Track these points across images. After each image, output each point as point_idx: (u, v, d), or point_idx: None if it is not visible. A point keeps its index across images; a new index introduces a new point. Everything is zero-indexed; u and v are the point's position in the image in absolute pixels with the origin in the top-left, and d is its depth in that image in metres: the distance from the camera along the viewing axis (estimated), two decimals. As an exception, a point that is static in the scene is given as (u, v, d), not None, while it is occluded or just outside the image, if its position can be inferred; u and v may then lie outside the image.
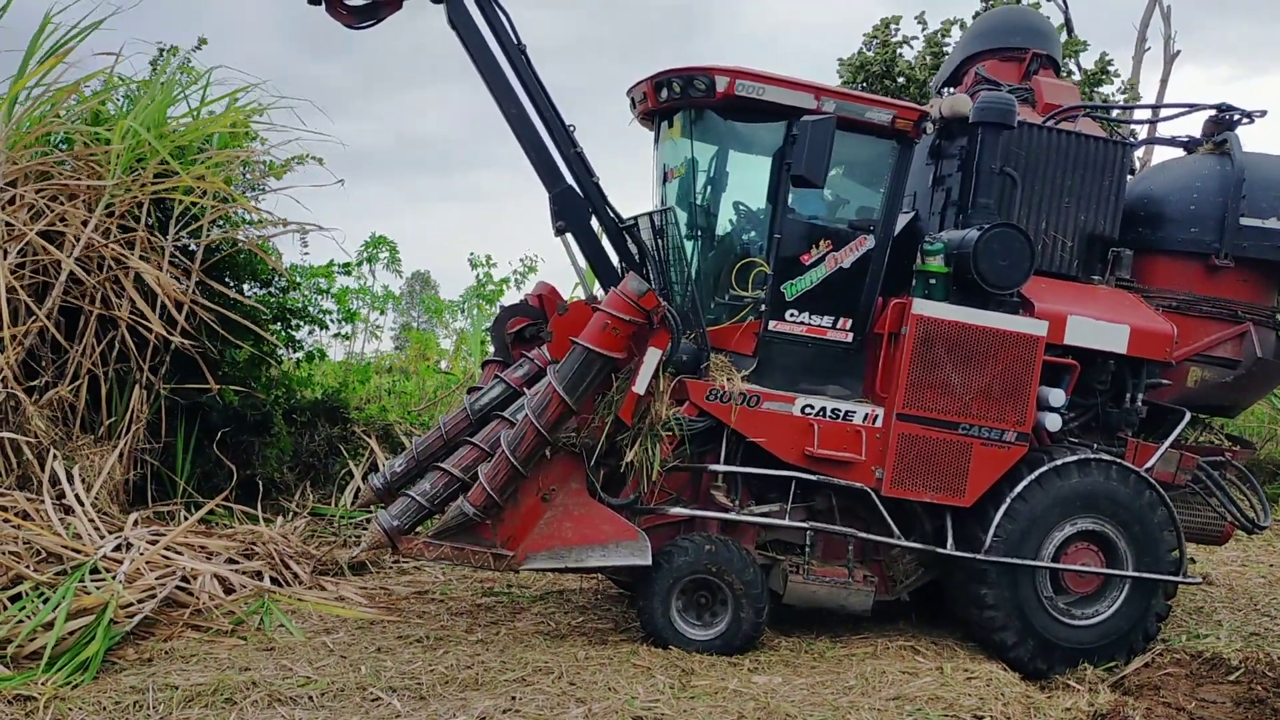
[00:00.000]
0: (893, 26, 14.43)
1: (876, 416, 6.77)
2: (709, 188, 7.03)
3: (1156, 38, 17.07)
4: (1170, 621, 7.43)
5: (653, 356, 6.33)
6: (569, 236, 7.12)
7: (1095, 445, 7.19)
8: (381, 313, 11.76)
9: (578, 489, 6.51)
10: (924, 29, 14.48)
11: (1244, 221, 7.35)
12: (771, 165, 6.85)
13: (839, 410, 6.75)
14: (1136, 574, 6.88)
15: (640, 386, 6.32)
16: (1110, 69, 13.55)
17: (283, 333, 9.89)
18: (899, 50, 14.15)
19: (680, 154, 7.06)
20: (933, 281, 6.85)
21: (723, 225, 7.10)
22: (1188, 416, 7.42)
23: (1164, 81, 16.60)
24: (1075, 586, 6.90)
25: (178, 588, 6.55)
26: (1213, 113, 7.91)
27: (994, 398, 6.78)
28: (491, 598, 7.64)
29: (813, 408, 6.72)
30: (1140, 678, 6.12)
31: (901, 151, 6.96)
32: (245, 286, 9.89)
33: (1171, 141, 8.22)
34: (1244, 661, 6.15)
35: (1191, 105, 8.09)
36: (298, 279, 10.32)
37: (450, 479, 6.41)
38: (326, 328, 10.82)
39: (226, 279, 9.31)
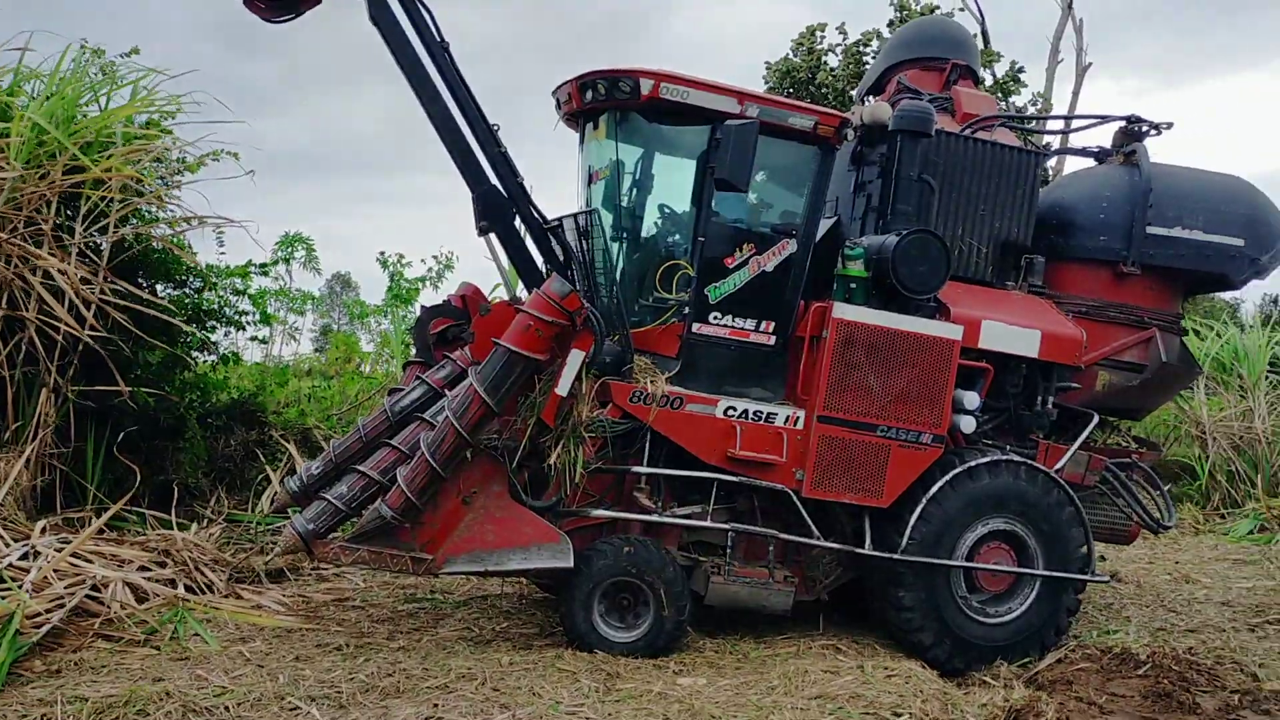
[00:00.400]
0: (819, 34, 14.62)
1: (798, 418, 6.84)
2: (633, 190, 7.07)
3: (1070, 50, 17.56)
4: (1081, 618, 7.64)
5: (575, 358, 6.31)
6: (493, 237, 7.10)
7: (1008, 447, 7.35)
8: (300, 314, 11.54)
9: (499, 491, 6.46)
10: (844, 39, 14.72)
11: (1150, 230, 7.59)
12: (696, 168, 6.89)
13: (761, 412, 6.80)
14: (1048, 573, 7.05)
15: (563, 388, 6.30)
16: (1021, 78, 13.88)
17: (197, 334, 9.67)
18: (824, 58, 14.35)
19: (605, 156, 7.06)
20: (853, 286, 6.95)
21: (647, 227, 7.13)
22: (1096, 419, 7.63)
23: (1075, 93, 17.10)
24: (988, 585, 7.04)
25: (88, 597, 6.38)
26: (1123, 124, 8.16)
27: (911, 400, 6.90)
28: (413, 604, 7.56)
29: (735, 410, 6.76)
30: (1053, 673, 6.27)
31: (823, 157, 7.06)
32: (159, 286, 9.67)
33: (1083, 152, 8.46)
34: (1151, 656, 6.33)
35: (1103, 117, 8.33)
36: (214, 279, 10.09)
37: (368, 481, 6.32)
38: (243, 329, 10.61)
39: (139, 278, 9.08)
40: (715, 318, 6.92)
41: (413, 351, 8.35)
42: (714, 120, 6.69)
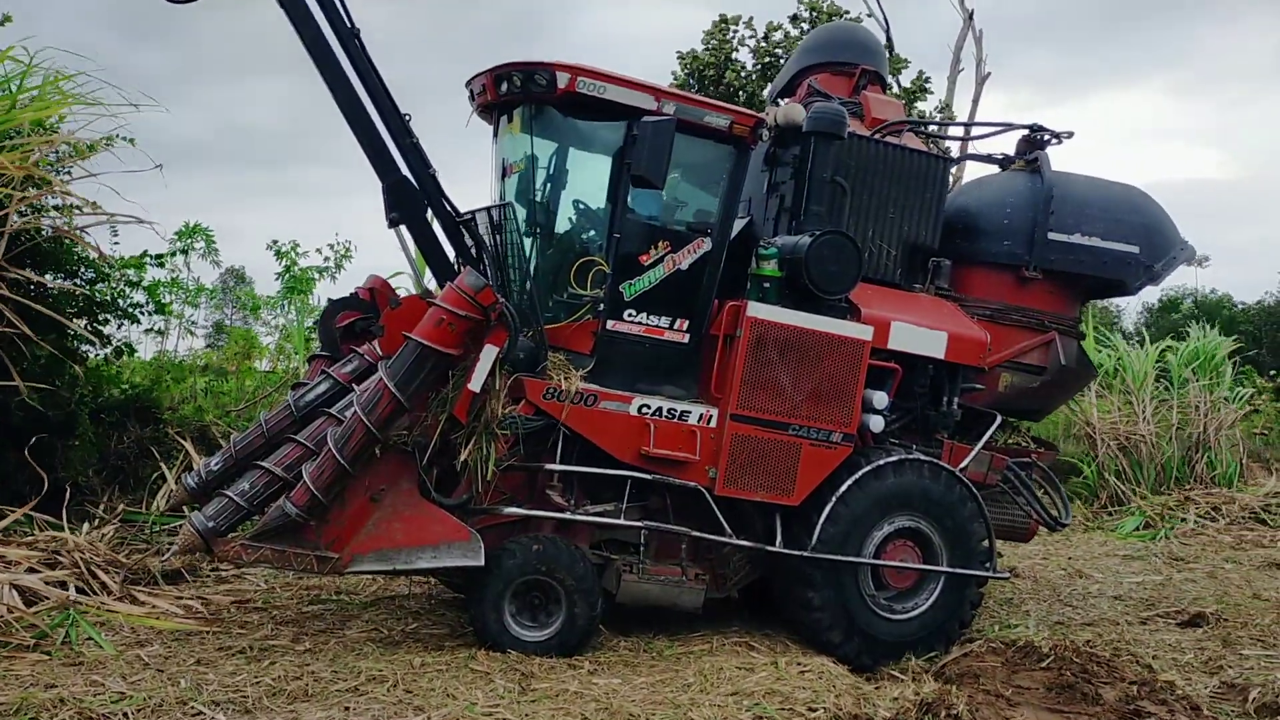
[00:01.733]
0: (732, 27, 14.69)
1: (711, 417, 6.85)
2: (548, 185, 7.00)
3: (970, 60, 17.95)
4: (982, 613, 7.82)
5: (489, 354, 6.22)
6: (403, 229, 6.97)
7: (913, 446, 7.46)
8: (195, 307, 11.15)
9: (408, 489, 6.32)
10: (753, 35, 14.81)
11: (1052, 236, 7.79)
12: (611, 165, 6.85)
13: (675, 410, 6.80)
14: (952, 569, 7.18)
15: (476, 384, 6.20)
16: (928, 87, 14.15)
17: (89, 327, 9.29)
18: (734, 53, 14.44)
19: (519, 149, 6.99)
20: (766, 285, 6.98)
21: (562, 223, 7.07)
22: (999, 419, 7.81)
23: (975, 101, 17.50)
24: (895, 582, 7.15)
25: (-29, 600, 6.06)
26: (1025, 132, 8.38)
27: (822, 399, 6.97)
28: (319, 605, 7.38)
29: (649, 407, 6.75)
30: (959, 666, 6.40)
31: (738, 156, 7.08)
32: (48, 277, 9.26)
33: (987, 158, 8.65)
34: (1054, 649, 6.51)
35: (1007, 124, 8.54)
36: (106, 269, 9.70)
37: (271, 478, 6.13)
38: (138, 322, 10.22)
39: (27, 269, 8.67)
40: (630, 315, 6.89)
41: (317, 345, 8.15)
42: (630, 116, 6.67)
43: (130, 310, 10.07)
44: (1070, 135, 8.27)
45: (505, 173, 7.22)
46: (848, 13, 15.79)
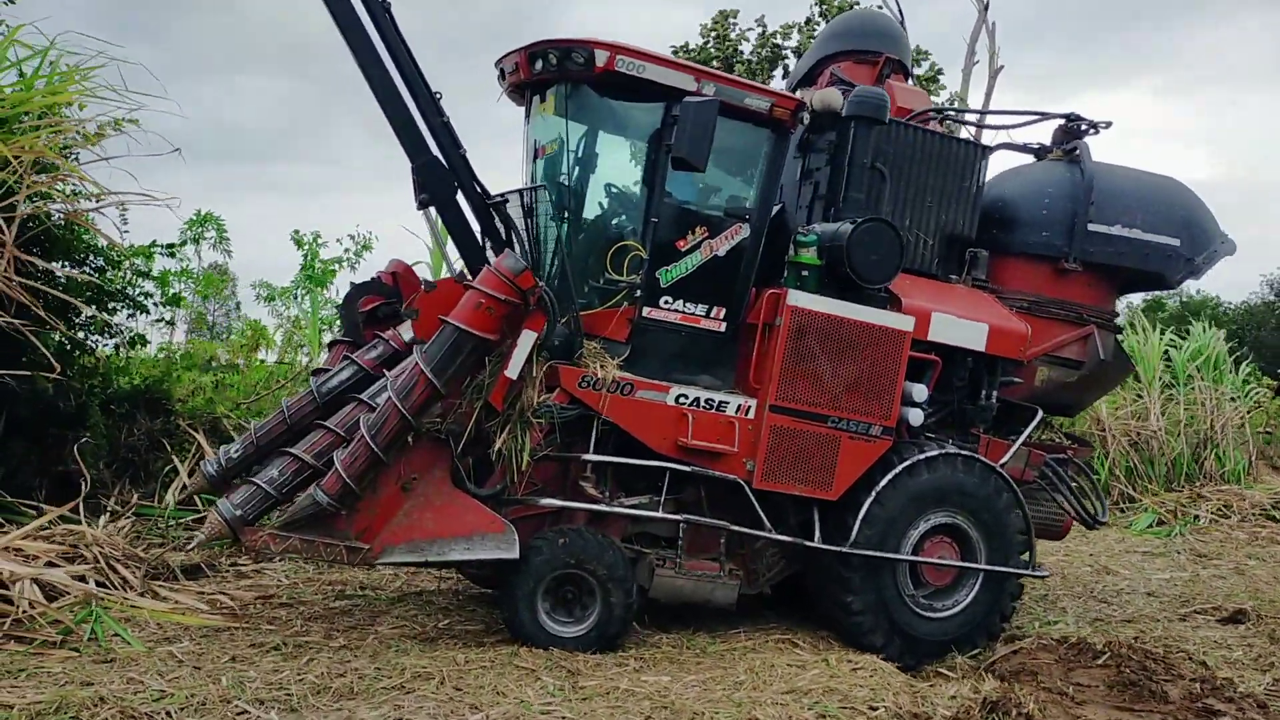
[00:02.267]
0: (730, 20, 14.49)
1: (749, 408, 6.68)
2: (583, 167, 6.81)
3: (983, 52, 17.75)
4: (1019, 609, 7.65)
5: (527, 339, 6.04)
6: (431, 211, 6.77)
7: (950, 440, 7.30)
8: (205, 298, 10.88)
9: (440, 478, 6.13)
10: (763, 30, 14.63)
11: (1092, 228, 7.62)
12: (648, 147, 6.68)
13: (713, 401, 6.63)
14: (993, 568, 7.02)
15: (513, 370, 6.02)
16: (939, 79, 14.00)
17: (93, 317, 9.07)
18: (738, 45, 14.26)
19: (553, 130, 6.80)
20: (804, 273, 6.81)
21: (596, 207, 6.89)
22: (1040, 415, 7.64)
23: (988, 94, 17.32)
24: (933, 579, 6.98)
25: (-7, 595, 5.85)
26: (1061, 122, 8.20)
27: (862, 391, 6.80)
28: (346, 601, 7.18)
29: (687, 398, 6.57)
30: (1012, 664, 6.23)
31: (777, 141, 6.91)
32: (55, 265, 9.02)
33: (1022, 148, 8.47)
34: (1108, 646, 6.36)
35: (1042, 114, 8.34)
36: (117, 257, 9.48)
37: (301, 465, 5.93)
38: (147, 312, 10.00)
39: (35, 255, 8.44)
40: (666, 302, 6.71)
41: (332, 332, 7.96)
42: (669, 97, 6.49)
43: (140, 300, 9.86)
44: (1108, 125, 8.10)
45: (537, 154, 7.03)
46: (857, 2, 15.68)
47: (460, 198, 6.72)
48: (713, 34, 15.31)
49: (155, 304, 10.10)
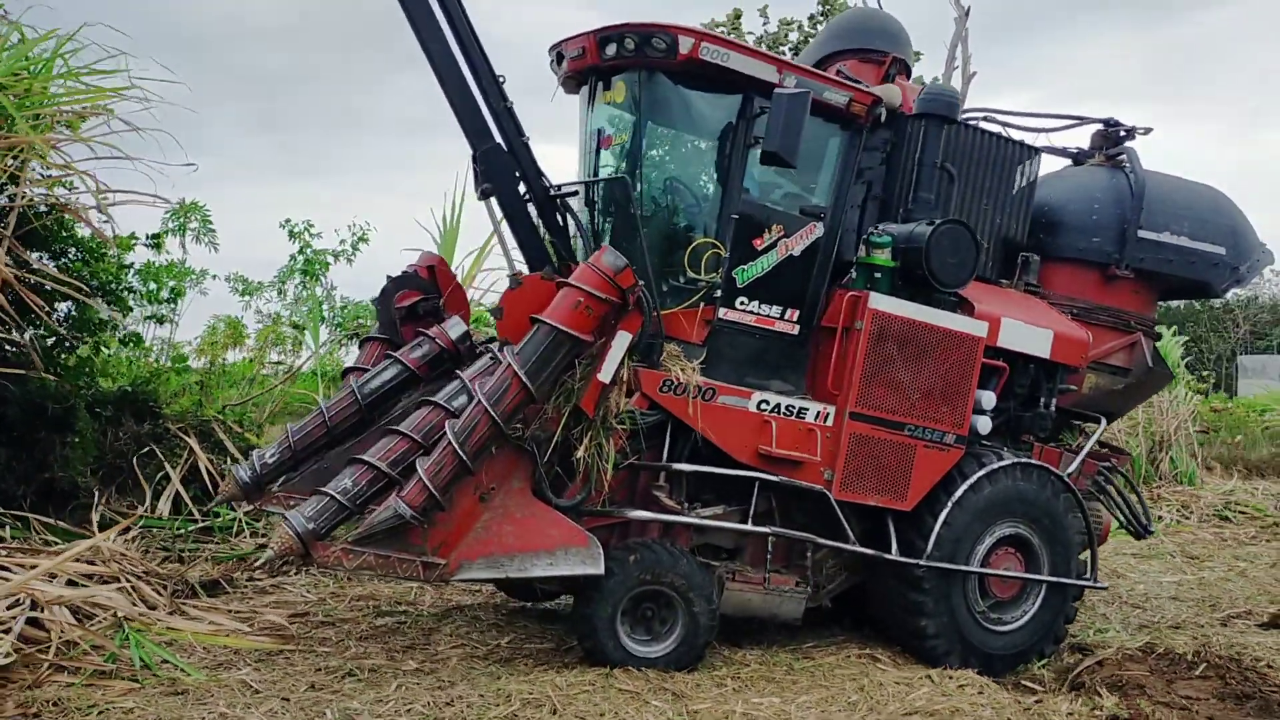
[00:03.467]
0: (737, 22, 14.20)
1: (828, 415, 6.35)
2: (656, 159, 6.43)
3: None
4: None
5: (622, 341, 5.60)
6: (492, 201, 6.30)
7: (1004, 448, 7.06)
8: (181, 294, 10.08)
9: (519, 488, 5.66)
10: (765, 22, 14.32)
11: (1142, 234, 7.46)
12: (724, 140, 6.30)
13: (793, 408, 6.27)
14: (1062, 579, 6.81)
15: (606, 374, 5.58)
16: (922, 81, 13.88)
17: (104, 313, 8.33)
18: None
19: (622, 119, 6.41)
20: (877, 275, 6.50)
21: (669, 201, 6.48)
22: (1104, 424, 7.48)
23: (963, 99, 17.13)
24: (999, 592, 6.73)
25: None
26: (1100, 126, 8.06)
27: (937, 398, 6.53)
28: (388, 618, 6.65)
29: (768, 404, 6.21)
30: (1105, 675, 5.96)
31: (852, 137, 6.60)
32: (35, 256, 8.26)
33: (1061, 152, 8.30)
34: (1197, 656, 6.17)
35: (1080, 118, 8.17)
36: (104, 251, 8.73)
37: (376, 474, 5.40)
38: (130, 309, 9.25)
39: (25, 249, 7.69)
40: (742, 303, 6.34)
41: (327, 332, 7.39)
42: (749, 88, 6.15)
43: (123, 295, 9.12)
44: (1148, 131, 7.98)
45: (600, 145, 6.59)
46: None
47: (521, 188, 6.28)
48: (720, 30, 15.04)
49: (140, 301, 9.38)
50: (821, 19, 15.90)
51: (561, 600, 7.38)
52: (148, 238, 9.36)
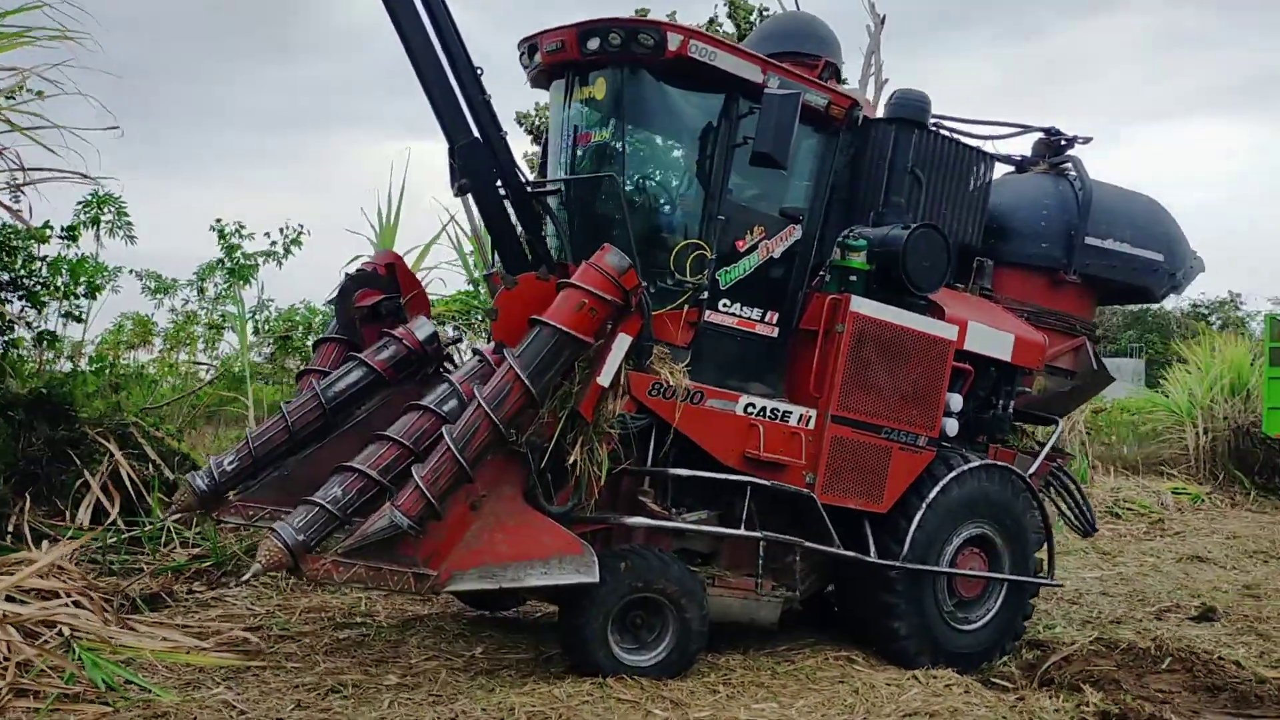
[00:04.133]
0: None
1: (809, 418, 6.25)
2: (639, 158, 6.26)
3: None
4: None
5: (622, 343, 5.42)
6: (469, 198, 6.02)
7: (967, 450, 7.08)
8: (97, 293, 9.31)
9: (511, 495, 5.40)
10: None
11: (1089, 241, 7.60)
12: (707, 140, 6.15)
13: (778, 410, 6.16)
14: (1019, 578, 6.87)
15: (605, 378, 5.38)
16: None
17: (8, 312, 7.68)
18: None
19: (600, 116, 6.22)
20: (852, 278, 6.44)
21: (657, 202, 6.29)
22: (1059, 426, 7.59)
23: (876, 106, 17.31)
24: (965, 591, 6.75)
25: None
26: (1042, 134, 8.18)
27: (912, 401, 6.51)
28: (347, 631, 6.30)
29: (755, 407, 6.08)
30: (1073, 671, 6.01)
31: (829, 139, 6.52)
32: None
33: (1006, 159, 8.39)
34: (1160, 650, 6.31)
35: (1024, 126, 8.29)
36: (16, 242, 8.07)
37: (367, 482, 5.07)
38: (43, 305, 8.56)
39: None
40: (725, 305, 6.20)
41: (269, 333, 7.00)
42: (734, 88, 6.02)
43: (36, 291, 8.45)
44: (1088, 140, 8.15)
45: (577, 141, 6.35)
46: (768, 9, 15.60)
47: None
48: None
49: (56, 295, 8.69)
50: (726, 20, 15.89)
51: (522, 610, 7.13)
52: (62, 229, 8.68)
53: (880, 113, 7.31)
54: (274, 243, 9.71)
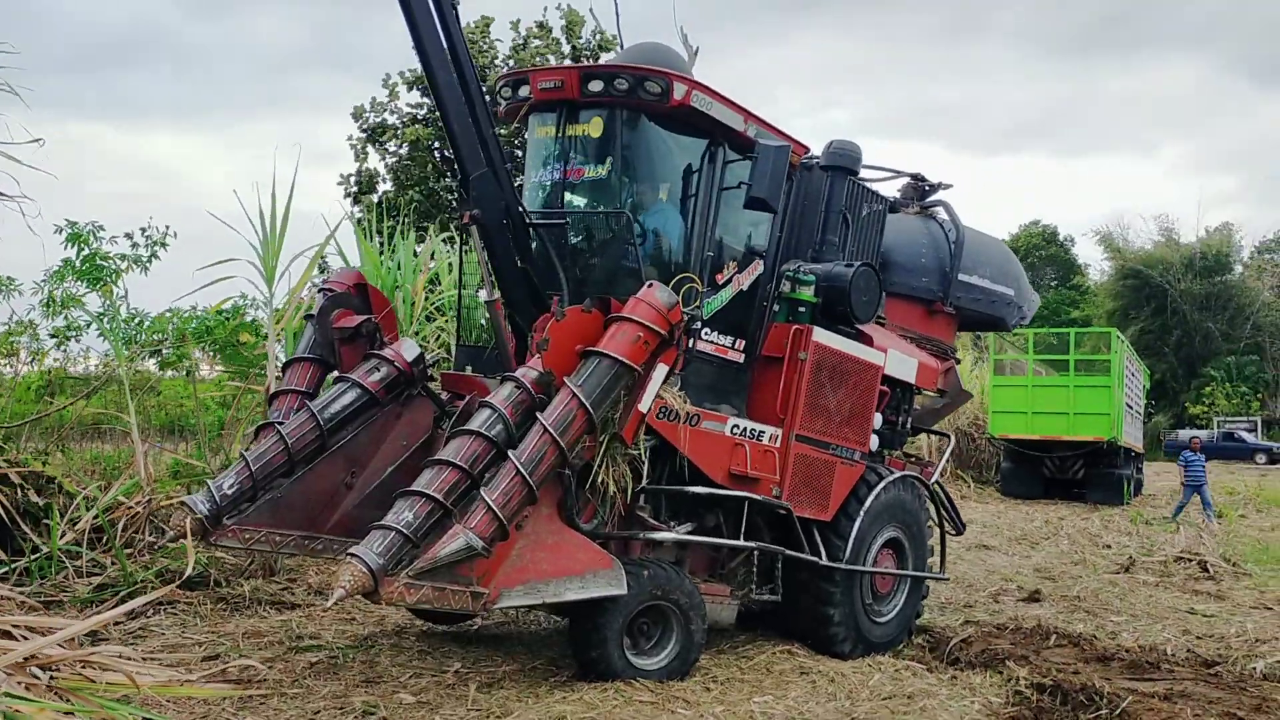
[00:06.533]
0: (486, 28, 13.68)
1: (777, 436, 6.48)
2: (636, 195, 6.23)
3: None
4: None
5: (661, 373, 5.46)
6: (474, 229, 5.83)
7: (880, 464, 7.52)
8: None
9: (548, 514, 5.38)
10: (516, 34, 13.95)
11: (960, 276, 8.28)
12: (696, 181, 6.27)
13: (756, 430, 6.37)
14: (923, 574, 7.43)
15: (645, 404, 5.43)
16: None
17: None
18: (493, 55, 13.54)
19: (599, 154, 6.17)
20: (801, 310, 6.77)
21: (657, 237, 6.31)
22: (953, 440, 8.19)
23: None
24: (881, 588, 7.22)
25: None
26: (909, 179, 8.81)
27: (850, 420, 6.89)
28: (311, 654, 5.99)
29: (739, 428, 6.26)
30: (981, 650, 6.67)
31: (788, 182, 6.73)
32: None
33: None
34: (1040, 628, 7.05)
35: (896, 171, 8.88)
36: None
37: (434, 506, 4.87)
38: None
39: None
40: (705, 333, 6.32)
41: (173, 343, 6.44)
42: (719, 135, 6.24)
43: None
44: (949, 186, 8.85)
45: (566, 175, 6.25)
46: (584, 20, 15.63)
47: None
48: (473, 46, 14.31)
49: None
50: (560, 22, 15.80)
51: (475, 622, 6.91)
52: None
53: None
54: (135, 245, 8.64)
